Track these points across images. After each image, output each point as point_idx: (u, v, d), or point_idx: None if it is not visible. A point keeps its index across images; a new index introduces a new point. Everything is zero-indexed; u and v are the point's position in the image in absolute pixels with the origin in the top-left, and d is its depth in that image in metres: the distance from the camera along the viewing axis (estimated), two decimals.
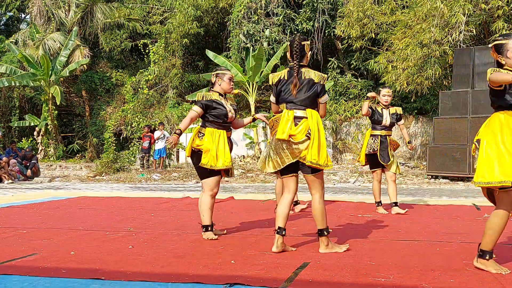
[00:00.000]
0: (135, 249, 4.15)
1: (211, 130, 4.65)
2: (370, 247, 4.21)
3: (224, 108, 4.67)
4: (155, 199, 8.29)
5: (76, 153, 22.71)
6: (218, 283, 3.12)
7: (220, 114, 4.66)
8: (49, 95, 20.91)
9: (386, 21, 15.84)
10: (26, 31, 23.91)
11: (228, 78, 4.77)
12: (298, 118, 4.00)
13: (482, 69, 11.83)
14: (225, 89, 4.78)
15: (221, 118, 4.67)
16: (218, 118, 4.66)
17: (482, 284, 3.08)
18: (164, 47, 20.75)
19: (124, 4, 23.87)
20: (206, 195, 4.67)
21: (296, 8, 18.98)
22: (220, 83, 4.76)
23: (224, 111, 4.67)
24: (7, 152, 15.05)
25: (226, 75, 4.77)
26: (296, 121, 3.99)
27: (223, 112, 4.66)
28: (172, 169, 16.58)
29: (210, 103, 4.65)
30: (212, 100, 4.66)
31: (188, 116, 4.65)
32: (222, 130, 4.70)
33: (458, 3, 13.09)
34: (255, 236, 4.80)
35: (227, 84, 4.77)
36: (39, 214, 6.47)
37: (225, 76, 4.77)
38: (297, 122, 3.98)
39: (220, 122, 4.68)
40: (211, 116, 4.66)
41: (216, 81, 4.78)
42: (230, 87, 4.80)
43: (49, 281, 3.19)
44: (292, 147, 3.98)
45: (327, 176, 13.57)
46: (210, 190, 4.66)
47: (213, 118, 4.65)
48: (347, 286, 3.07)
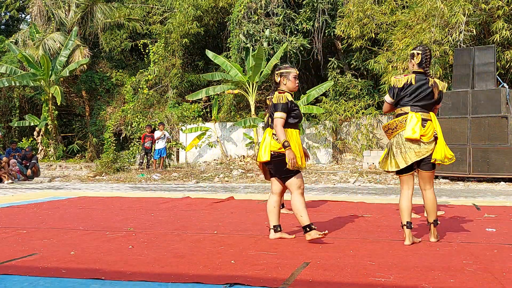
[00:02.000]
0: (135, 249, 4.15)
1: (290, 130, 4.46)
2: (370, 247, 4.21)
3: (299, 109, 4.55)
4: (155, 199, 8.29)
5: (76, 153, 22.72)
6: (218, 283, 3.12)
7: (298, 115, 4.51)
8: (49, 95, 20.92)
9: (386, 21, 15.84)
10: (26, 31, 23.91)
11: (293, 77, 4.56)
12: (424, 120, 4.33)
13: (482, 69, 11.83)
14: (291, 88, 4.56)
15: (298, 119, 4.53)
16: (296, 118, 4.49)
17: (482, 284, 3.08)
18: (164, 47, 20.76)
19: (124, 4, 23.87)
20: (297, 194, 4.47)
21: (296, 8, 18.98)
22: (286, 83, 4.55)
23: (299, 112, 4.55)
24: (7, 152, 15.05)
25: (291, 74, 4.56)
26: (423, 123, 4.31)
27: (300, 114, 4.54)
28: (172, 169, 16.58)
29: (290, 105, 4.44)
30: (291, 101, 4.46)
31: (278, 126, 4.37)
32: (297, 129, 4.54)
33: (458, 3, 13.09)
34: (255, 236, 4.80)
35: (293, 83, 4.56)
36: (39, 214, 6.47)
37: (290, 75, 4.55)
38: (424, 124, 4.31)
39: (296, 122, 4.52)
40: (291, 117, 4.46)
41: (281, 81, 4.55)
42: (296, 85, 4.60)
43: (49, 281, 3.19)
44: (421, 146, 4.30)
45: (327, 176, 13.57)
46: (299, 188, 4.48)
47: (292, 120, 4.47)
48: (347, 286, 3.07)
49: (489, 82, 11.74)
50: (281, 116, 4.38)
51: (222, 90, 18.23)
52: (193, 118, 19.38)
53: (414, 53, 4.44)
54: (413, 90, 4.35)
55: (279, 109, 4.38)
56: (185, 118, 19.36)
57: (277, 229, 4.61)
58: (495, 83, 11.77)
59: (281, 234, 4.61)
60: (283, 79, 4.55)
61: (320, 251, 4.07)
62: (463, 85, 12.06)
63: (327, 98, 17.92)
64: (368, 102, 17.51)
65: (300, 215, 4.44)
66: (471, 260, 3.70)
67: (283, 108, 4.39)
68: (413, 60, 4.43)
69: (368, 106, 17.47)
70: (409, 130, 4.28)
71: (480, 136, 11.57)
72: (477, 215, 6.22)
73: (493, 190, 10.18)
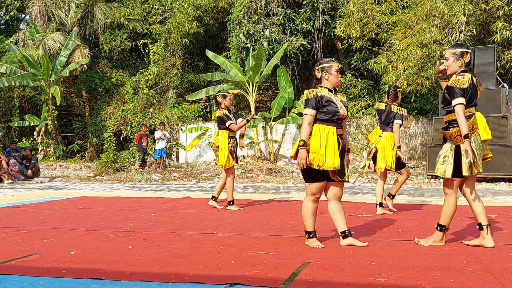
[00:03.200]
0: (135, 249, 4.15)
1: (320, 126, 4.21)
2: (370, 247, 4.21)
3: (334, 105, 4.24)
4: (155, 199, 8.29)
5: (76, 153, 22.72)
6: (218, 283, 3.12)
7: (331, 111, 4.21)
8: (49, 95, 20.92)
9: (386, 21, 15.84)
10: (26, 31, 23.91)
11: (336, 70, 4.30)
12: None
13: (482, 69, 11.82)
14: (334, 83, 4.31)
15: (332, 115, 4.23)
16: (328, 114, 4.21)
17: (482, 284, 3.07)
18: (164, 47, 20.76)
19: (124, 4, 23.87)
20: (308, 199, 4.30)
21: (296, 8, 18.98)
22: (328, 77, 4.29)
23: (334, 107, 4.23)
24: (7, 152, 15.06)
25: (333, 68, 4.30)
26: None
27: (333, 109, 4.22)
28: (172, 169, 16.58)
29: (319, 100, 4.21)
30: (321, 97, 4.22)
31: (305, 123, 4.18)
32: (331, 126, 4.24)
33: (458, 3, 13.09)
34: (255, 236, 4.79)
35: (336, 77, 4.31)
36: (39, 214, 6.47)
37: (332, 69, 4.30)
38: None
39: (330, 118, 4.23)
40: (321, 113, 4.21)
41: (323, 76, 4.31)
42: (339, 79, 4.36)
43: (49, 281, 3.19)
44: (485, 147, 4.33)
45: None
46: (313, 195, 4.27)
47: (323, 116, 4.21)
48: (347, 286, 3.07)
49: (489, 82, 11.73)
50: (307, 112, 4.19)
51: None
52: (193, 118, 19.39)
53: (463, 52, 4.21)
54: (472, 90, 4.19)
55: (306, 105, 4.22)
56: (185, 118, 19.36)
57: (347, 233, 4.29)
58: (495, 83, 11.77)
59: (351, 240, 4.28)
60: (324, 74, 4.30)
61: (320, 251, 4.07)
62: None
63: None
64: (368, 102, 17.51)
65: (305, 220, 4.32)
66: (471, 260, 3.70)
67: (311, 104, 4.19)
68: (462, 58, 4.20)
69: (368, 106, 17.47)
70: (486, 131, 4.22)
71: None
72: None
73: (493, 190, 10.18)
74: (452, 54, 4.21)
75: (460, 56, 4.19)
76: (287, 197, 8.68)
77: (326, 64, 4.31)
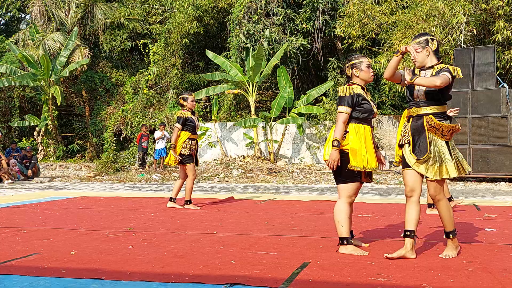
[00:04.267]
0: (135, 249, 4.15)
1: (356, 126, 4.01)
2: (370, 247, 4.21)
3: (369, 103, 4.07)
4: (155, 199, 8.29)
5: (76, 153, 22.71)
6: (218, 283, 3.12)
7: (367, 109, 4.04)
8: (49, 95, 20.91)
9: (387, 21, 15.84)
10: (26, 31, 23.90)
11: (366, 66, 4.11)
12: None
13: (482, 69, 11.82)
14: (366, 79, 4.13)
15: (368, 114, 4.06)
16: (364, 113, 4.04)
17: (482, 284, 3.08)
18: (164, 47, 20.75)
19: (124, 4, 23.87)
20: (344, 202, 4.05)
21: (296, 8, 18.97)
22: (359, 74, 4.11)
23: (370, 106, 4.07)
24: (7, 152, 15.05)
25: (363, 63, 4.12)
26: None
27: (369, 108, 4.06)
28: (172, 169, 16.58)
29: (356, 98, 4.02)
30: (358, 94, 4.03)
31: (340, 121, 3.97)
32: (367, 125, 4.07)
33: (458, 3, 13.09)
34: (255, 236, 4.79)
35: (367, 73, 4.11)
36: (39, 214, 6.47)
37: (363, 65, 4.11)
38: None
39: (366, 117, 4.06)
40: (357, 112, 4.03)
41: (353, 73, 4.12)
42: (372, 75, 4.16)
43: (49, 281, 3.19)
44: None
45: (327, 176, 13.57)
46: (349, 197, 4.06)
47: (359, 115, 4.03)
48: (347, 286, 3.07)
49: (489, 82, 11.74)
50: (343, 110, 3.98)
51: (222, 90, 18.23)
52: None
53: (428, 39, 3.84)
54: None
55: (342, 102, 4.01)
56: None
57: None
58: (495, 83, 11.77)
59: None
60: (355, 71, 4.11)
61: (320, 251, 4.07)
62: (463, 85, 12.06)
63: (327, 98, 17.92)
64: None
65: (341, 225, 4.01)
66: (471, 260, 3.70)
67: (347, 101, 3.99)
68: (429, 46, 3.83)
69: None
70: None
71: (480, 136, 11.57)
72: (477, 215, 6.22)
73: (493, 190, 10.18)
74: (417, 44, 3.84)
75: (426, 44, 3.82)
76: (287, 197, 8.68)
77: (356, 60, 4.13)
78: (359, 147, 3.96)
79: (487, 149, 11.48)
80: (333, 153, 3.91)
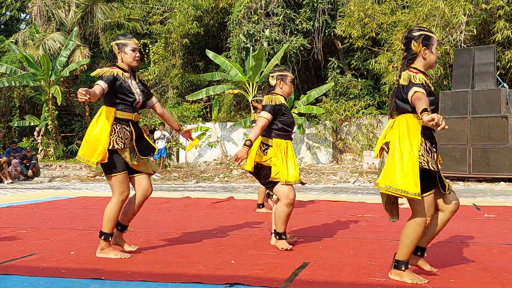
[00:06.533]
0: (135, 249, 4.15)
1: (278, 141, 4.15)
2: (370, 247, 4.21)
3: (291, 116, 4.22)
4: (155, 199, 8.28)
5: (76, 153, 22.71)
6: (218, 283, 3.12)
7: (288, 121, 4.18)
8: (49, 95, 20.91)
9: (387, 21, 15.84)
10: (26, 31, 23.91)
11: (290, 81, 4.30)
12: None
13: (482, 69, 11.82)
14: (287, 93, 4.29)
15: (289, 127, 4.19)
16: (288, 126, 4.18)
17: (482, 284, 3.07)
18: (164, 47, 20.76)
19: (124, 4, 23.88)
20: (282, 204, 4.11)
21: (296, 8, 18.97)
22: (282, 86, 4.27)
23: (292, 119, 4.23)
24: (7, 152, 15.05)
25: (288, 78, 4.29)
26: None
27: (292, 120, 4.22)
28: (172, 169, 16.58)
29: (279, 108, 4.13)
30: (281, 105, 4.16)
31: (258, 125, 4.06)
32: (288, 140, 4.22)
33: (458, 3, 13.09)
34: (255, 236, 4.79)
35: (289, 87, 4.30)
36: (39, 214, 6.47)
37: (287, 79, 4.28)
38: None
39: (287, 132, 4.19)
40: (280, 123, 4.15)
41: (277, 84, 4.27)
42: (291, 90, 4.34)
43: (49, 281, 3.19)
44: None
45: (327, 176, 13.57)
46: (286, 198, 4.10)
47: (281, 126, 4.15)
48: (347, 286, 3.07)
49: (489, 82, 11.74)
50: (264, 116, 4.09)
51: (222, 90, 18.23)
52: (193, 118, 19.37)
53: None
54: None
55: (266, 109, 4.13)
56: (185, 118, 19.35)
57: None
58: (495, 83, 11.77)
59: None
60: (279, 82, 4.27)
61: (320, 251, 4.07)
62: (463, 85, 12.06)
63: (327, 98, 17.93)
64: (368, 102, 17.51)
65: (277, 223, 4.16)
66: (471, 260, 3.70)
67: (270, 109, 4.11)
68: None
69: (368, 106, 17.47)
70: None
71: (480, 136, 11.57)
72: (477, 215, 6.22)
73: (493, 190, 10.18)
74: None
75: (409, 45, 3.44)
76: None
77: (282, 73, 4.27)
78: (280, 162, 4.09)
79: (487, 149, 11.48)
80: (241, 151, 3.96)
